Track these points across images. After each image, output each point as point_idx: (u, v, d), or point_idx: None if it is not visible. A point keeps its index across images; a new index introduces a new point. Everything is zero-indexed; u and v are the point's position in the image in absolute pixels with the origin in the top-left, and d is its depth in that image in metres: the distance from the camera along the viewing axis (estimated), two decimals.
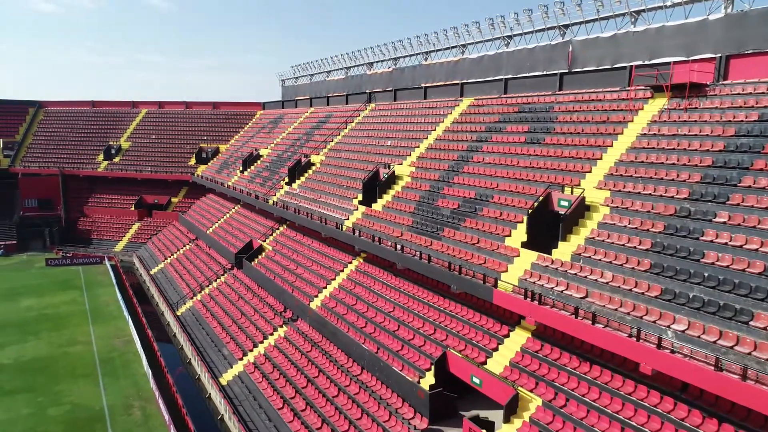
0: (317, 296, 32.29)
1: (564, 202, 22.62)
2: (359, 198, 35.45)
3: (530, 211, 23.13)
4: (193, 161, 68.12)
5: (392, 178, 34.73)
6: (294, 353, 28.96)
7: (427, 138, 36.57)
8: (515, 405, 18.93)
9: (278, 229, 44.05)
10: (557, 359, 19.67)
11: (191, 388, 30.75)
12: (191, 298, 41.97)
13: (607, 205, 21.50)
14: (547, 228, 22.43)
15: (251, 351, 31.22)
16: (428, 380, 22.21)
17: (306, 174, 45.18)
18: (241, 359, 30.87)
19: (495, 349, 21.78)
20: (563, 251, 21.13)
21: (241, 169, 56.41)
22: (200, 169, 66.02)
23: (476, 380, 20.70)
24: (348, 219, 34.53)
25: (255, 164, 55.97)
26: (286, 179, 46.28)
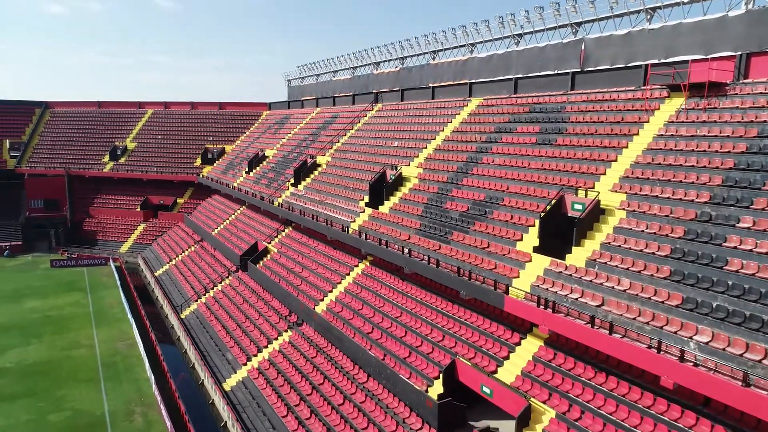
0: (323, 300, 31.67)
1: (578, 206, 21.85)
2: (366, 200, 34.80)
3: (542, 215, 22.37)
4: (199, 162, 67.74)
5: (399, 180, 34.05)
6: (299, 359, 28.33)
7: (435, 139, 35.86)
8: (527, 417, 18.18)
9: (284, 231, 43.48)
10: (571, 369, 18.91)
11: (194, 393, 30.21)
12: (195, 301, 41.47)
13: (624, 209, 20.72)
14: (561, 232, 21.65)
15: (255, 356, 30.64)
16: (436, 389, 21.51)
17: (312, 175, 44.59)
18: (245, 364, 30.29)
19: (506, 358, 21.04)
20: (577, 257, 20.37)
21: (247, 170, 55.92)
22: (206, 170, 65.64)
23: (486, 390, 19.97)
24: (354, 221, 33.89)
25: (261, 165, 55.47)
26: (292, 180, 45.72)
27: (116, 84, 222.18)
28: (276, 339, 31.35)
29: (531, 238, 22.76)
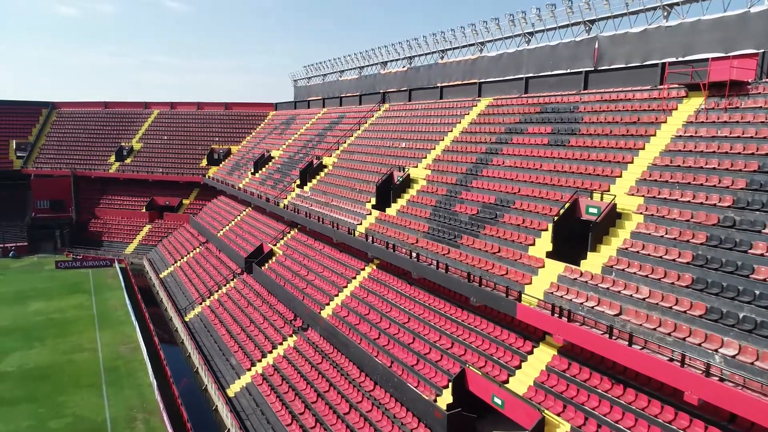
0: (328, 304, 31.00)
1: (593, 209, 21.03)
2: (372, 202, 34.10)
3: (556, 219, 21.57)
4: (205, 162, 67.35)
5: (407, 182, 33.33)
6: (304, 365, 27.67)
7: (444, 140, 35.11)
8: (541, 430, 17.36)
9: (289, 233, 42.87)
10: (586, 380, 18.10)
11: (197, 399, 29.65)
12: (200, 304, 40.94)
13: (641, 213, 19.87)
14: (575, 237, 20.83)
15: (260, 361, 30.01)
16: (445, 399, 20.75)
17: (318, 176, 43.96)
18: (249, 370, 29.67)
19: (518, 367, 20.26)
20: (593, 263, 19.56)
21: (253, 171, 55.41)
22: (212, 171, 65.24)
23: (498, 401, 19.18)
24: (361, 224, 33.19)
25: (266, 166, 54.92)
26: (298, 182, 45.12)
27: (123, 85, 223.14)
28: (281, 344, 30.72)
29: (544, 243, 21.96)
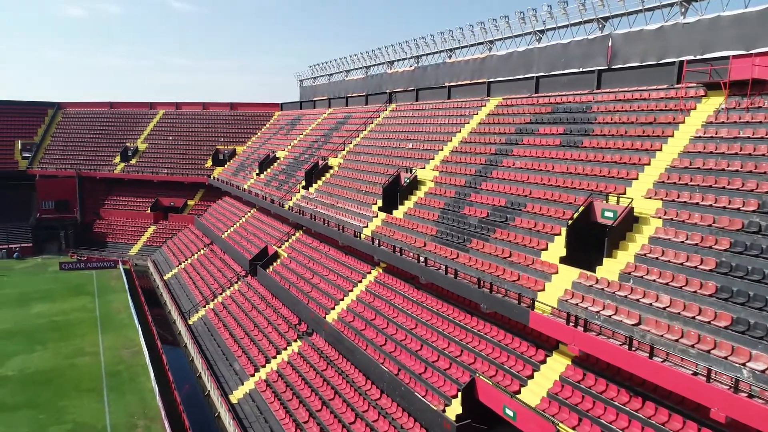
0: (334, 309, 30.31)
1: (608, 213, 20.21)
2: (379, 204, 33.38)
3: (570, 223, 20.75)
4: (210, 163, 66.87)
5: (414, 183, 32.59)
6: (308, 371, 26.99)
7: (452, 140, 34.33)
8: None
9: (294, 235, 42.23)
10: (603, 392, 17.30)
11: (200, 405, 29.04)
12: (204, 306, 40.37)
13: (659, 217, 19.04)
14: (590, 242, 20.02)
15: (263, 367, 29.36)
16: (454, 409, 20.01)
17: (323, 177, 43.29)
18: (253, 375, 29.03)
19: (530, 377, 19.49)
20: (609, 269, 18.75)
21: (258, 172, 54.83)
22: (217, 171, 64.75)
23: (509, 412, 18.40)
24: (367, 226, 32.48)
25: (271, 167, 54.34)
26: (303, 183, 44.47)
27: (129, 85, 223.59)
28: (285, 349, 30.05)
29: (557, 248, 21.16)
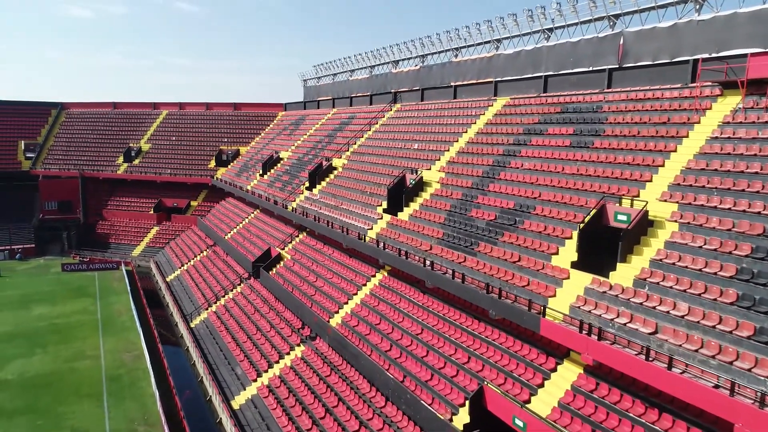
0: (337, 312, 29.71)
1: (621, 216, 19.54)
2: (384, 206, 32.77)
3: (581, 226, 20.08)
4: (213, 164, 66.43)
5: (420, 185, 31.96)
6: (312, 377, 26.40)
7: (458, 141, 33.69)
8: None
9: (298, 237, 41.66)
10: (617, 403, 16.63)
11: (201, 410, 28.51)
12: (206, 309, 39.85)
13: (675, 221, 18.35)
14: (602, 246, 19.36)
15: (266, 372, 28.79)
16: (462, 418, 19.38)
17: (327, 179, 42.71)
18: (255, 381, 28.46)
19: (540, 386, 18.83)
20: (623, 275, 18.07)
21: (261, 173, 54.33)
22: (220, 172, 64.30)
23: (519, 423, 17.74)
24: (372, 229, 31.87)
25: (275, 167, 53.81)
26: (307, 184, 43.92)
27: (134, 85, 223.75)
28: (288, 354, 29.47)
29: (568, 252, 20.49)
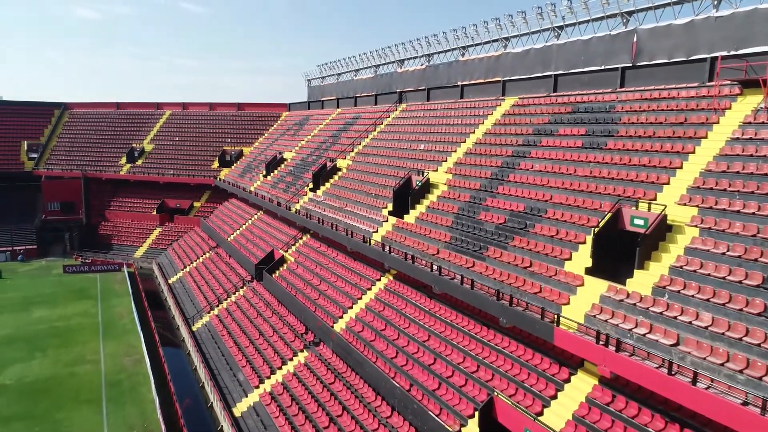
0: (342, 317, 29.00)
1: (639, 221, 18.73)
2: (389, 208, 32.01)
3: (596, 230, 19.29)
4: (216, 164, 65.84)
5: (426, 186, 31.21)
6: (315, 384, 25.68)
7: (465, 142, 32.92)
8: None
9: (301, 239, 40.97)
10: (635, 417, 15.82)
11: (202, 417, 27.81)
12: (208, 312, 39.20)
13: (696, 226, 17.55)
14: (618, 252, 18.56)
15: (268, 378, 28.10)
16: (471, 430, 18.67)
17: (331, 180, 42.01)
18: (257, 387, 27.77)
19: (553, 397, 18.04)
20: (641, 282, 17.27)
21: (264, 174, 53.69)
22: (223, 173, 63.71)
23: None
24: (377, 231, 31.14)
25: (278, 168, 53.16)
26: (310, 185, 43.22)
27: (138, 86, 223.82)
28: (291, 360, 28.77)
29: (582, 258, 19.70)
